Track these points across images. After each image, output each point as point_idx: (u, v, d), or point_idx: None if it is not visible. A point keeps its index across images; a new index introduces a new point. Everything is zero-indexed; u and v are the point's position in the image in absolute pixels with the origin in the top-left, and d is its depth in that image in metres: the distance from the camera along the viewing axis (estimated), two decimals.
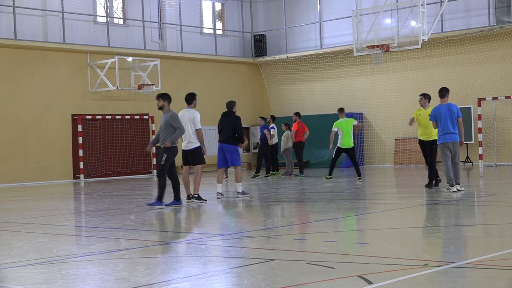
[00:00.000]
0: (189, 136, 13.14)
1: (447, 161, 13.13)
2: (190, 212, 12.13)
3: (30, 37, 23.00)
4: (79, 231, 10.20)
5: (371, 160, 26.59)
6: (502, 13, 24.05)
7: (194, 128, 13.07)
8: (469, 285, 5.45)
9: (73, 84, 24.00)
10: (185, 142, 13.26)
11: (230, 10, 29.61)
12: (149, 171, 25.61)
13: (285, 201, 13.51)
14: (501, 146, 23.49)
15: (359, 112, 26.84)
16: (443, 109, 13.14)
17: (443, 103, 13.25)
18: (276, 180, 19.77)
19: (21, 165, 22.63)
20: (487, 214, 10.51)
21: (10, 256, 7.56)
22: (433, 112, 13.39)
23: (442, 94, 13.31)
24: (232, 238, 8.61)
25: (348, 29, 25.72)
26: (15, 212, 12.94)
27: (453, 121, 13.08)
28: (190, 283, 5.94)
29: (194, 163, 13.27)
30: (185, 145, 13.24)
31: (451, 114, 13.07)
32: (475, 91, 23.76)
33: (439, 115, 13.14)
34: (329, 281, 5.69)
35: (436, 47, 24.60)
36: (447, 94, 13.34)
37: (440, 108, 13.20)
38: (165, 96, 12.70)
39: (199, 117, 13.17)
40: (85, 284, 6.02)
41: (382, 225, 9.47)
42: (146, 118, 25.67)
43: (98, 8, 25.46)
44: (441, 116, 13.11)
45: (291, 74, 28.81)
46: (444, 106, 13.19)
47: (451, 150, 13.15)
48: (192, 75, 27.40)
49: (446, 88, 13.48)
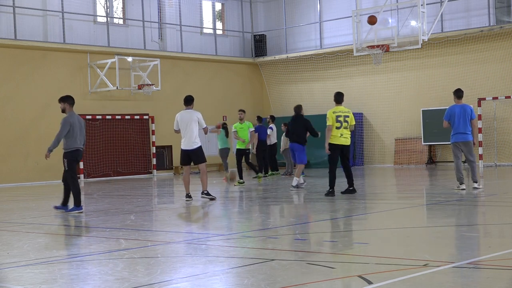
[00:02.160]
0: (191, 136, 13.16)
1: (456, 160, 13.54)
2: (190, 212, 12.13)
3: (30, 37, 23.00)
4: (79, 231, 10.20)
5: (371, 160, 26.59)
6: (502, 13, 24.06)
7: (200, 128, 13.29)
8: (469, 285, 5.44)
9: (73, 84, 24.00)
10: (185, 142, 13.26)
11: (230, 10, 29.62)
12: (149, 171, 25.62)
13: (285, 201, 13.51)
14: (501, 146, 23.49)
15: (359, 112, 26.84)
16: (457, 109, 13.44)
17: (458, 103, 13.58)
18: (276, 180, 19.77)
19: (21, 165, 22.63)
20: (487, 214, 10.51)
21: (10, 256, 7.56)
22: (447, 112, 13.66)
23: (460, 95, 13.66)
24: (232, 238, 8.61)
25: (348, 29, 25.71)
26: (15, 212, 12.94)
27: (466, 121, 13.35)
28: (190, 283, 5.94)
29: (197, 162, 13.37)
30: (187, 145, 13.24)
31: (464, 115, 13.36)
32: (475, 91, 23.76)
33: (452, 115, 13.44)
34: (329, 281, 5.69)
35: (436, 47, 24.60)
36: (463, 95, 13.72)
37: (454, 108, 13.51)
38: (65, 98, 12.27)
39: (201, 115, 13.39)
40: (85, 284, 6.02)
41: (382, 225, 9.47)
42: (146, 118, 25.68)
43: (98, 8, 25.46)
44: (455, 116, 13.40)
45: (291, 74, 28.81)
46: (458, 106, 13.51)
47: (462, 149, 13.49)
48: (192, 75, 27.40)
49: (461, 90, 13.86)
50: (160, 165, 26.11)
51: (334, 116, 13.34)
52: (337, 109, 13.46)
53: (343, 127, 13.32)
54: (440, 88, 24.54)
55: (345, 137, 13.38)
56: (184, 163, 13.53)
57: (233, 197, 14.73)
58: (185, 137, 13.25)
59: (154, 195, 16.93)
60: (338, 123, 13.29)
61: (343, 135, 13.34)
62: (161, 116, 26.04)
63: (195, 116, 13.25)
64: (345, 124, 13.32)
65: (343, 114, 13.36)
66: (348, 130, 13.43)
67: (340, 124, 13.30)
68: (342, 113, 13.37)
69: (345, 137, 13.37)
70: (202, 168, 13.50)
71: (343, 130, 13.33)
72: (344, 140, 13.39)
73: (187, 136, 13.18)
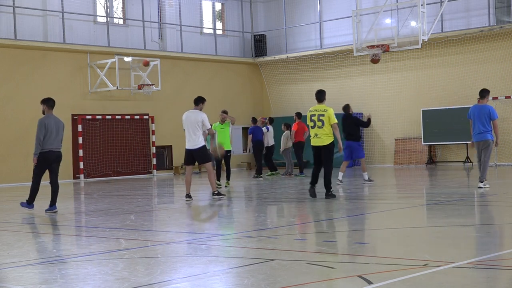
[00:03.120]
0: (194, 136, 13.23)
1: (478, 161, 14.07)
2: (190, 212, 12.13)
3: (30, 37, 23.00)
4: (79, 231, 10.20)
5: (371, 160, 26.58)
6: (502, 13, 24.06)
7: (203, 129, 13.35)
8: (469, 285, 5.44)
9: (73, 84, 24.00)
10: (189, 141, 13.33)
11: (230, 10, 29.62)
12: (149, 171, 25.62)
13: (285, 201, 13.51)
14: (501, 146, 23.46)
15: (359, 112, 26.84)
16: (475, 109, 13.88)
17: (480, 103, 13.93)
18: (276, 180, 19.77)
19: (21, 165, 22.61)
20: (487, 214, 10.51)
21: (10, 256, 7.56)
22: (468, 112, 14.13)
23: (482, 95, 13.96)
24: (232, 238, 8.61)
25: (348, 29, 25.71)
26: (15, 212, 12.94)
27: (483, 121, 13.73)
28: (190, 283, 5.94)
29: (202, 162, 13.49)
30: (190, 145, 13.31)
31: (481, 115, 13.73)
32: (475, 91, 23.64)
33: (472, 115, 13.91)
34: (329, 281, 5.69)
35: (436, 47, 24.60)
36: (487, 96, 14.02)
37: (472, 108, 13.98)
38: (45, 100, 12.84)
39: (206, 116, 13.44)
40: (85, 284, 6.02)
41: (382, 225, 9.47)
42: (146, 118, 25.67)
43: (98, 8, 25.46)
44: (474, 116, 13.83)
45: (291, 74, 28.81)
46: (477, 106, 13.90)
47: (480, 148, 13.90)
48: (192, 75, 27.40)
49: (486, 90, 14.15)
50: (160, 165, 26.10)
51: (308, 115, 12.87)
52: (313, 107, 12.91)
53: (317, 126, 12.70)
54: (440, 88, 24.54)
55: (319, 137, 12.72)
56: (187, 162, 13.55)
57: (233, 197, 14.73)
58: (189, 137, 13.32)
59: (154, 195, 16.93)
60: (312, 122, 12.77)
61: (318, 135, 12.74)
62: (161, 116, 26.04)
63: (200, 117, 13.31)
64: (319, 123, 12.65)
65: (318, 113, 12.70)
66: (323, 130, 12.66)
67: (313, 124, 12.74)
68: (316, 112, 12.76)
69: (319, 137, 12.72)
70: (208, 167, 13.54)
71: (318, 130, 12.71)
72: (317, 140, 12.78)
73: (190, 136, 13.24)
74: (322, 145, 12.72)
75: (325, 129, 12.66)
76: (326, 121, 12.62)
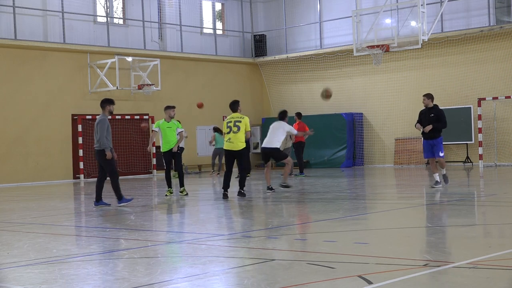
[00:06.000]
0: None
1: None
2: (191, 212, 12.13)
3: (30, 37, 23.00)
4: (79, 231, 10.20)
5: (371, 160, 26.59)
6: (502, 13, 24.05)
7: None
8: (469, 285, 5.44)
9: (73, 84, 24.01)
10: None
11: (230, 10, 29.62)
12: (149, 171, 25.62)
13: (285, 201, 13.51)
14: (501, 146, 23.49)
15: (359, 112, 26.85)
16: None
17: None
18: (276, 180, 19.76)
19: (21, 165, 22.62)
20: (487, 214, 10.50)
21: (10, 256, 7.56)
22: None
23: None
24: (232, 238, 8.61)
25: (348, 29, 25.71)
26: (15, 212, 12.94)
27: None
28: (190, 283, 5.94)
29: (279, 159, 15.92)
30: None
31: None
32: (475, 91, 23.76)
33: None
34: (329, 281, 5.69)
35: (436, 47, 24.60)
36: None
37: None
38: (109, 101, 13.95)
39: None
40: (85, 284, 6.02)
41: (382, 225, 9.47)
42: (146, 118, 25.67)
43: (98, 8, 25.46)
44: None
45: (291, 74, 28.81)
46: None
47: None
48: (192, 75, 27.40)
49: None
50: (160, 165, 26.07)
51: (224, 123, 14.19)
52: (230, 116, 14.16)
53: (232, 131, 13.83)
54: (440, 88, 24.53)
55: (232, 141, 13.85)
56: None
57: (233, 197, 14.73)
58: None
59: (154, 195, 16.92)
60: (228, 128, 13.94)
61: (230, 139, 13.87)
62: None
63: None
64: (235, 129, 13.80)
65: (234, 120, 13.93)
66: (237, 135, 13.81)
67: (229, 130, 13.90)
68: (233, 119, 13.97)
69: (231, 142, 13.85)
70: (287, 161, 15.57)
71: (231, 135, 13.85)
72: (229, 144, 13.88)
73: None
74: (234, 149, 13.89)
75: (239, 134, 13.85)
76: (242, 127, 13.88)
